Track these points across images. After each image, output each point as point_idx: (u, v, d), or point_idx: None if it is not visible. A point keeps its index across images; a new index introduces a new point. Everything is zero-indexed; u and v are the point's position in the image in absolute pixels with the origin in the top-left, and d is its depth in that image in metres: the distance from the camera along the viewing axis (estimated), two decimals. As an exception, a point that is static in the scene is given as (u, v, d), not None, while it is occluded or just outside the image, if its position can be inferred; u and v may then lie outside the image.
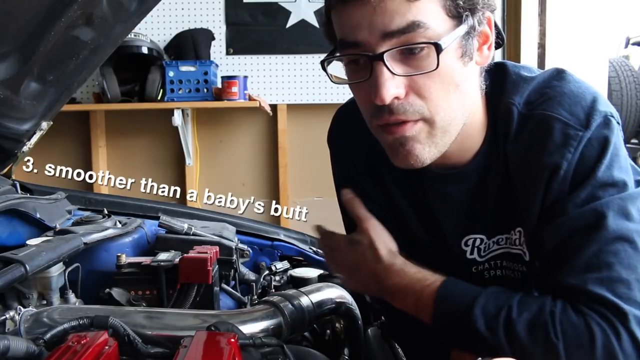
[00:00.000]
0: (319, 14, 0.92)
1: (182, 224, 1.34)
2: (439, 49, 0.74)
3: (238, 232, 1.55)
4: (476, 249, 0.93)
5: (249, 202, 3.37)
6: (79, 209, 1.57)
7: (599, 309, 0.75)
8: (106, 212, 1.43)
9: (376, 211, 0.97)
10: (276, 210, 3.35)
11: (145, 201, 1.74)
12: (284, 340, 0.96)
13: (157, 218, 1.38)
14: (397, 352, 1.09)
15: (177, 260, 1.15)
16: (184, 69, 3.00)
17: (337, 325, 1.19)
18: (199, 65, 3.01)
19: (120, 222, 1.35)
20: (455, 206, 0.92)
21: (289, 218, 3.26)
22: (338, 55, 0.82)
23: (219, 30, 3.26)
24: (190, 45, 3.11)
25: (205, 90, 3.02)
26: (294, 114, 3.33)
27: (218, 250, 1.23)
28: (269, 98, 3.28)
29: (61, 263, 1.09)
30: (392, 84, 0.76)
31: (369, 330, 1.21)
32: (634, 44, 6.78)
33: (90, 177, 3.28)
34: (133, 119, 3.28)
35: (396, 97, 0.77)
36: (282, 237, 1.62)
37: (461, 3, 0.76)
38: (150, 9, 1.22)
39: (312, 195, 3.34)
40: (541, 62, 2.69)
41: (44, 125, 1.37)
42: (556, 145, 0.79)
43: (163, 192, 3.24)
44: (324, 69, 0.85)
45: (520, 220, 0.86)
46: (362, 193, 0.98)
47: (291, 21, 3.25)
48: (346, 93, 0.90)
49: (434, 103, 0.78)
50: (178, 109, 2.99)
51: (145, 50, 2.95)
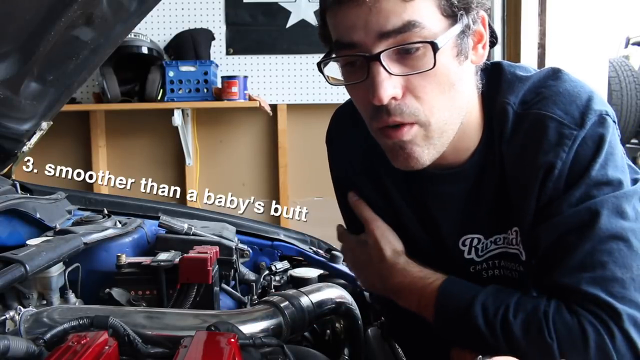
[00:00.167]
0: (318, 14, 0.92)
1: (182, 224, 1.34)
2: (435, 47, 0.75)
3: (238, 232, 1.54)
4: (474, 248, 0.93)
5: (249, 202, 3.37)
6: (79, 209, 1.57)
7: (592, 309, 0.75)
8: (106, 212, 1.43)
9: (375, 211, 0.98)
10: (276, 210, 3.35)
11: (145, 201, 1.74)
12: (284, 340, 0.96)
13: (157, 218, 1.38)
14: (397, 352, 1.09)
15: (177, 260, 1.15)
16: (184, 69, 3.01)
17: (337, 325, 1.19)
18: (199, 65, 3.01)
19: (120, 222, 1.35)
20: (453, 206, 0.92)
21: (289, 218, 3.27)
22: (334, 56, 0.82)
23: (219, 30, 3.26)
24: (190, 45, 3.11)
25: (205, 90, 3.02)
26: (294, 114, 3.33)
27: (218, 250, 1.22)
28: (269, 98, 3.28)
29: (61, 263, 1.09)
30: (390, 84, 0.76)
31: (369, 330, 1.21)
32: (634, 44, 6.78)
33: (90, 177, 3.28)
34: (133, 119, 3.28)
35: (393, 98, 0.77)
36: (282, 237, 1.62)
37: (456, 2, 0.76)
38: (150, 9, 1.22)
39: (312, 195, 3.35)
40: (541, 62, 2.69)
41: (44, 125, 1.37)
42: (551, 144, 0.79)
43: (163, 192, 3.25)
44: (321, 70, 0.85)
45: (516, 220, 0.86)
46: (360, 194, 0.99)
47: (291, 21, 3.25)
48: (346, 93, 0.90)
49: (428, 105, 0.78)
50: (178, 109, 2.99)
51: (145, 50, 2.95)
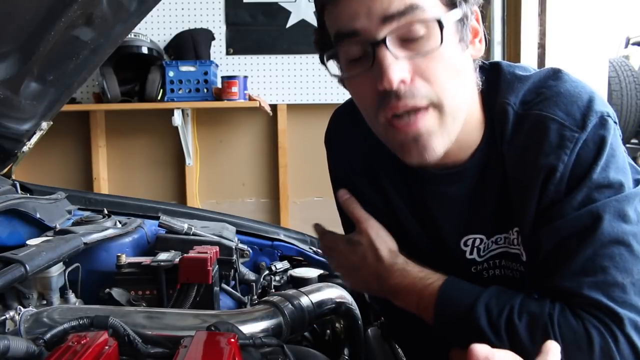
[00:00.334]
0: (315, 14, 0.91)
1: (182, 224, 1.34)
2: (441, 25, 0.75)
3: (238, 232, 1.54)
4: (475, 248, 0.93)
5: (249, 202, 3.38)
6: (79, 209, 1.57)
7: (595, 313, 0.75)
8: (106, 212, 1.43)
9: (373, 213, 0.97)
10: (276, 210, 3.36)
11: (145, 201, 1.73)
12: (284, 340, 0.96)
13: (157, 218, 1.38)
14: (397, 352, 1.09)
15: (177, 260, 1.15)
16: (184, 69, 3.00)
17: (337, 325, 1.19)
18: (199, 65, 3.01)
19: (120, 222, 1.35)
20: (454, 206, 0.92)
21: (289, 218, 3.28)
22: (341, 46, 0.80)
23: (219, 30, 3.26)
24: (190, 45, 3.11)
25: (205, 90, 3.02)
26: (294, 114, 3.33)
27: (218, 250, 1.23)
28: (269, 98, 3.28)
29: (61, 263, 1.09)
30: (398, 67, 0.75)
31: (369, 330, 1.21)
32: (634, 44, 6.78)
33: (90, 177, 3.29)
34: (133, 119, 3.28)
35: (402, 82, 0.76)
36: (282, 237, 1.62)
37: None
38: (150, 9, 1.22)
39: (312, 195, 3.35)
40: (541, 62, 2.68)
41: (44, 125, 1.37)
42: (552, 146, 0.79)
43: (163, 192, 3.25)
44: (324, 63, 0.84)
45: (517, 221, 0.86)
46: (359, 194, 0.98)
47: (291, 21, 3.25)
48: (346, 93, 0.89)
49: (440, 86, 0.78)
50: (178, 109, 2.99)
51: (145, 50, 2.95)
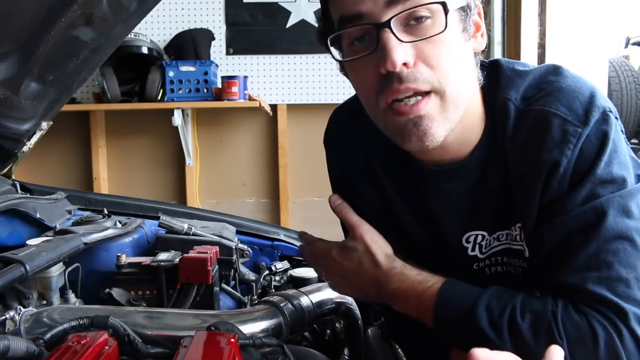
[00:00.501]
0: (318, 14, 0.91)
1: (182, 224, 1.34)
2: (446, 8, 0.76)
3: (238, 232, 1.55)
4: (477, 245, 0.92)
5: (249, 202, 3.38)
6: (79, 209, 1.57)
7: (599, 308, 0.75)
8: (106, 212, 1.43)
9: (372, 212, 0.97)
10: (276, 210, 3.35)
11: (145, 201, 1.73)
12: (284, 340, 0.96)
13: (157, 218, 1.38)
14: (397, 352, 1.09)
15: (177, 260, 1.15)
16: (184, 69, 3.00)
17: (337, 325, 1.19)
18: (199, 65, 3.01)
19: (120, 222, 1.35)
20: (455, 203, 0.91)
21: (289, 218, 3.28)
22: (344, 29, 0.80)
23: (219, 30, 3.26)
24: (190, 45, 3.11)
25: (205, 90, 3.02)
26: (294, 114, 3.33)
27: (218, 250, 1.23)
28: (269, 98, 3.28)
29: (61, 263, 1.09)
30: (401, 50, 0.76)
31: (369, 330, 1.20)
32: (634, 44, 6.79)
33: (90, 177, 3.29)
34: (133, 119, 3.28)
35: (405, 65, 0.76)
36: (282, 237, 1.62)
37: None
38: (150, 9, 1.22)
39: (312, 195, 3.35)
40: (541, 62, 2.68)
41: (44, 125, 1.37)
42: (555, 141, 0.79)
43: (163, 192, 3.25)
44: (327, 47, 0.84)
45: (519, 217, 0.86)
46: (358, 194, 0.98)
47: (291, 21, 3.25)
48: (346, 93, 0.89)
49: (442, 72, 0.78)
50: (178, 109, 2.99)
51: (145, 50, 2.95)
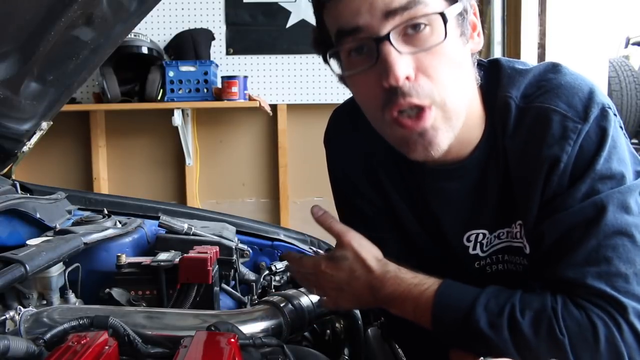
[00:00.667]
0: (314, 15, 0.90)
1: (182, 224, 1.34)
2: (444, 18, 0.76)
3: (238, 232, 1.54)
4: (478, 244, 0.93)
5: (249, 202, 3.37)
6: (79, 209, 1.57)
7: (599, 303, 0.75)
8: (106, 212, 1.43)
9: (373, 212, 0.97)
10: (276, 210, 3.35)
11: (145, 201, 1.73)
12: (284, 340, 0.96)
13: (157, 218, 1.38)
14: (397, 352, 1.09)
15: (177, 260, 1.15)
16: (184, 69, 3.00)
17: (337, 325, 1.19)
18: (199, 65, 3.01)
19: (120, 222, 1.35)
20: (456, 202, 0.92)
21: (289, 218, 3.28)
22: (343, 44, 0.80)
23: (219, 30, 3.26)
24: (190, 45, 3.11)
25: (205, 90, 3.02)
26: (294, 114, 3.33)
27: (218, 250, 1.22)
28: (269, 98, 3.28)
29: (61, 263, 1.09)
30: (403, 63, 0.76)
31: (369, 330, 1.20)
32: (634, 44, 6.79)
33: (90, 177, 3.29)
34: (133, 119, 3.28)
35: (407, 78, 0.77)
36: (282, 237, 1.62)
37: None
38: (150, 9, 1.22)
39: (312, 195, 3.34)
40: (541, 62, 2.68)
41: (44, 125, 1.37)
42: (555, 138, 0.80)
43: (163, 192, 3.25)
44: (327, 62, 0.84)
45: (520, 214, 0.86)
46: (358, 194, 0.98)
47: (291, 21, 3.25)
48: (346, 93, 0.89)
49: (442, 84, 0.78)
50: (178, 109, 2.99)
51: (145, 50, 2.95)
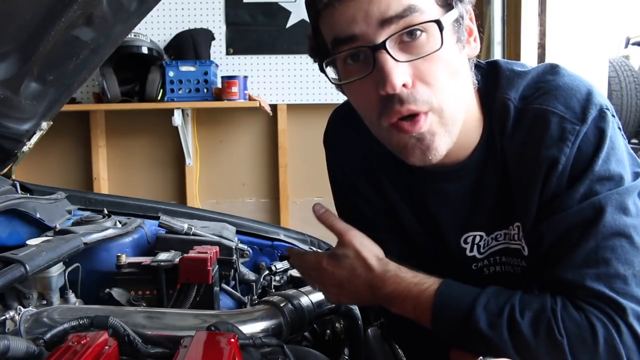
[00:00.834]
0: (310, 22, 0.90)
1: (182, 224, 1.34)
2: (440, 26, 0.76)
3: (238, 232, 1.54)
4: (476, 246, 0.93)
5: (249, 202, 3.37)
6: (79, 209, 1.57)
7: (598, 304, 0.75)
8: (106, 212, 1.43)
9: (372, 212, 0.97)
10: (276, 210, 3.35)
11: (145, 201, 1.73)
12: (284, 340, 0.96)
13: (157, 218, 1.38)
14: (397, 352, 1.09)
15: (177, 260, 1.15)
16: (184, 69, 3.00)
17: (337, 325, 1.19)
18: (199, 65, 3.01)
19: (120, 222, 1.35)
20: (454, 204, 0.92)
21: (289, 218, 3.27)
22: (339, 52, 0.80)
23: (219, 30, 3.26)
24: (190, 45, 3.11)
25: (205, 90, 3.02)
26: (294, 114, 3.33)
27: (218, 250, 1.23)
28: (269, 98, 3.28)
29: (61, 263, 1.09)
30: (399, 70, 0.76)
31: (369, 330, 1.20)
32: (634, 44, 6.78)
33: (90, 177, 3.29)
34: (133, 119, 3.28)
35: (404, 86, 0.77)
36: (282, 237, 1.62)
37: None
38: (150, 9, 1.22)
39: (312, 195, 3.34)
40: (541, 62, 2.68)
41: (44, 125, 1.37)
42: (553, 139, 0.80)
43: (163, 192, 3.25)
44: (323, 71, 0.84)
45: (518, 215, 0.86)
46: (358, 194, 0.98)
47: (291, 21, 3.25)
48: (346, 93, 0.89)
49: (439, 90, 0.79)
50: (178, 109, 2.99)
51: (145, 50, 2.95)
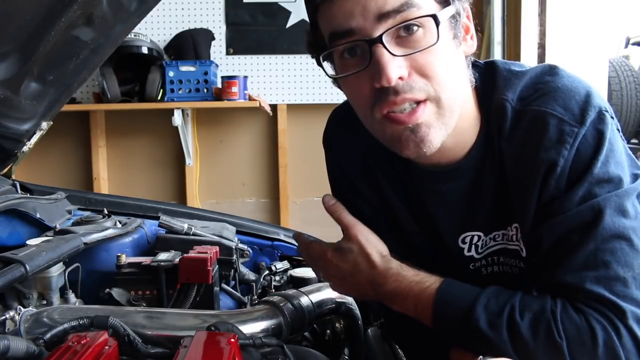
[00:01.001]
0: (308, 17, 0.90)
1: (182, 224, 1.34)
2: (437, 21, 0.76)
3: (238, 232, 1.54)
4: (474, 246, 0.93)
5: (249, 202, 3.37)
6: (79, 209, 1.57)
7: (597, 307, 0.75)
8: (106, 212, 1.43)
9: (371, 212, 0.97)
10: (276, 210, 3.35)
11: (145, 201, 1.73)
12: (284, 340, 0.96)
13: (157, 218, 1.38)
14: (397, 352, 1.09)
15: (177, 260, 1.15)
16: (184, 69, 3.00)
17: (337, 325, 1.19)
18: (199, 65, 3.01)
19: (120, 222, 1.35)
20: (452, 204, 0.92)
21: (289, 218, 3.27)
22: (336, 46, 0.80)
23: (219, 30, 3.26)
24: (190, 45, 3.11)
25: (205, 90, 3.02)
26: (294, 114, 3.33)
27: (218, 250, 1.23)
28: (269, 98, 3.28)
29: (61, 263, 1.09)
30: (395, 64, 0.76)
31: (369, 330, 1.20)
32: (634, 44, 6.78)
33: (90, 177, 3.29)
34: (133, 119, 3.28)
35: (400, 78, 0.77)
36: (282, 237, 1.62)
37: None
38: (150, 9, 1.22)
39: (312, 195, 3.34)
40: (541, 62, 2.68)
41: (44, 125, 1.37)
42: (552, 141, 0.80)
43: (163, 192, 3.25)
44: (320, 65, 0.85)
45: (516, 217, 0.86)
46: (357, 194, 0.98)
47: (291, 21, 3.25)
48: (346, 93, 0.89)
49: (437, 80, 0.79)
50: (178, 109, 2.99)
51: (145, 50, 2.95)
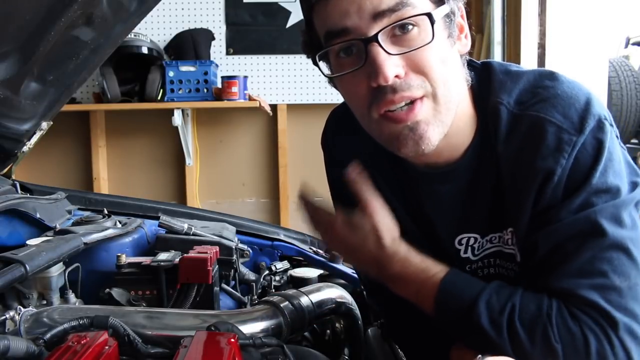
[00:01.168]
0: (304, 16, 0.90)
1: (182, 224, 1.34)
2: (432, 19, 0.77)
3: (238, 232, 1.54)
4: (470, 247, 0.93)
5: (249, 202, 3.38)
6: (79, 209, 1.57)
7: (591, 314, 0.75)
8: (106, 212, 1.43)
9: None
10: (276, 210, 3.36)
11: (145, 201, 1.73)
12: (284, 340, 0.96)
13: (157, 218, 1.38)
14: (397, 352, 1.09)
15: (177, 260, 1.15)
16: (184, 69, 3.01)
17: (337, 325, 1.19)
18: (199, 65, 3.01)
19: (120, 222, 1.35)
20: (448, 205, 0.92)
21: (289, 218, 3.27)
22: (331, 45, 0.80)
23: (219, 30, 3.26)
24: (190, 45, 3.11)
25: (205, 90, 3.03)
26: (294, 114, 3.33)
27: (218, 250, 1.22)
28: (269, 98, 3.28)
29: (61, 263, 1.09)
30: (391, 62, 0.77)
31: (369, 330, 1.20)
32: (634, 44, 6.78)
33: (90, 177, 3.29)
34: (133, 119, 3.29)
35: (397, 77, 0.77)
36: (282, 237, 1.62)
37: None
38: (150, 9, 1.22)
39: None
40: (541, 62, 2.68)
41: (44, 125, 1.37)
42: (550, 149, 0.79)
43: (163, 192, 3.25)
44: (316, 64, 0.85)
45: (512, 221, 0.86)
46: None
47: (291, 21, 3.25)
48: (346, 93, 0.89)
49: (433, 77, 0.79)
50: (178, 109, 2.99)
51: (145, 50, 2.95)
